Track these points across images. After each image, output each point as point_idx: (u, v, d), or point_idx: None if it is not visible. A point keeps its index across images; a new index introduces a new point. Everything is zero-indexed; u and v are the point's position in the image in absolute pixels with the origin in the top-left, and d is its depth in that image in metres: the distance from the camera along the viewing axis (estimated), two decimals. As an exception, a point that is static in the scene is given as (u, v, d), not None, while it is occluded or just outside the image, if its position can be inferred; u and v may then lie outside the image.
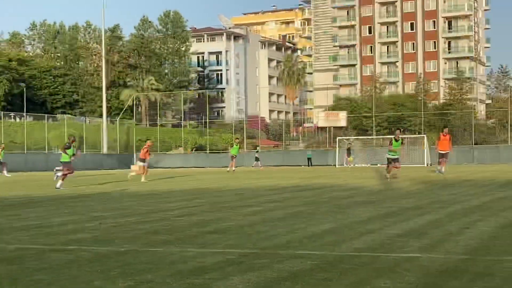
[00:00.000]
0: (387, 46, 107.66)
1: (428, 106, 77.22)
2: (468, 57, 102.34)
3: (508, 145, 61.03)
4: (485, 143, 64.67)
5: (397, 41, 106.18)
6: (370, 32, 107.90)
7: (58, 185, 22.36)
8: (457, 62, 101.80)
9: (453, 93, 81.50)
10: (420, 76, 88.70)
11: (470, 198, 14.76)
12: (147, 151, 29.60)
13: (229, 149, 44.52)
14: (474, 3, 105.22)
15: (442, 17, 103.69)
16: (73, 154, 23.15)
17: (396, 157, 24.41)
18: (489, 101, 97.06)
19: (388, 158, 24.67)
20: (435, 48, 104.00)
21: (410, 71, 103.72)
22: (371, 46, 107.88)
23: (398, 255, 7.01)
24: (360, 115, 75.56)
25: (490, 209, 11.98)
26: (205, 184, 25.10)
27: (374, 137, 66.22)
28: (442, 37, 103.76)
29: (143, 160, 29.57)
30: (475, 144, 61.60)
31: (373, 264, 6.47)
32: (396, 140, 24.62)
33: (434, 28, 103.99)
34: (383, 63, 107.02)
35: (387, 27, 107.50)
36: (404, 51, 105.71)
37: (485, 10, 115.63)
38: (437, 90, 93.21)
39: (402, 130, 25.01)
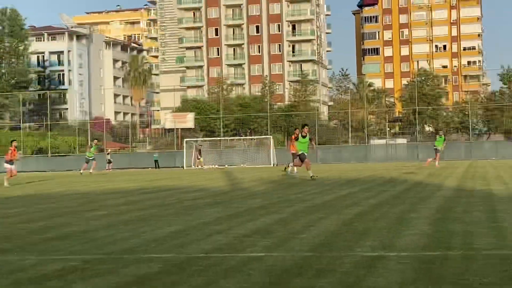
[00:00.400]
0: (234, 48, 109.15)
1: (274, 107, 79.15)
2: (311, 60, 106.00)
3: (349, 145, 63.87)
4: (328, 143, 67.24)
5: (243, 44, 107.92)
6: (216, 34, 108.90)
7: None
8: (301, 65, 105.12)
9: (298, 95, 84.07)
10: (266, 78, 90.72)
11: (314, 197, 15.18)
12: (12, 152, 28.15)
13: (86, 152, 43.62)
14: (316, 8, 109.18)
15: (286, 21, 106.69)
16: None
17: (304, 152, 23.56)
18: (331, 103, 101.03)
19: (293, 154, 23.92)
20: (280, 51, 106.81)
21: (256, 73, 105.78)
22: (218, 48, 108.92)
23: (245, 254, 7.06)
24: (208, 117, 76.05)
25: (333, 207, 12.39)
26: (47, 188, 24.14)
27: (222, 138, 66.92)
28: (287, 40, 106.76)
29: (10, 163, 28.09)
30: (318, 144, 63.89)
31: (221, 265, 6.46)
32: (304, 137, 23.72)
33: (279, 31, 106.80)
34: (230, 65, 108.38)
35: (234, 29, 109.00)
36: (250, 54, 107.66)
37: (326, 15, 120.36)
38: (282, 92, 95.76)
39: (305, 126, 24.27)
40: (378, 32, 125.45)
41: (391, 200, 13.50)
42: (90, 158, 42.13)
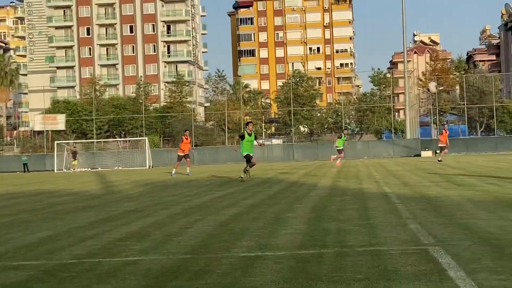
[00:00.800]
0: (107, 48, 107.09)
1: (149, 108, 78.33)
2: (187, 61, 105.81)
3: (226, 146, 64.23)
4: (205, 144, 67.39)
5: (116, 44, 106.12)
6: (88, 34, 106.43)
7: None
8: (176, 66, 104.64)
9: (173, 96, 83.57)
10: (140, 79, 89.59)
11: (191, 199, 15.12)
12: None
13: None
14: (191, 8, 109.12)
15: (161, 21, 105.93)
16: None
17: (249, 153, 21.92)
18: (208, 104, 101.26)
19: (244, 156, 22.05)
20: (155, 52, 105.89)
21: (130, 74, 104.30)
22: (90, 48, 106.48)
23: (120, 259, 6.88)
24: (80, 118, 74.16)
25: (209, 208, 12.37)
26: None
27: (95, 140, 65.49)
28: (162, 41, 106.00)
29: None
30: (195, 145, 63.83)
31: (94, 270, 6.26)
32: (249, 134, 21.98)
33: (154, 31, 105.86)
34: (103, 65, 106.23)
35: (106, 29, 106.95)
36: (124, 54, 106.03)
37: (202, 16, 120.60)
38: (157, 93, 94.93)
39: (253, 123, 22.10)
40: (254, 33, 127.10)
41: (267, 200, 13.64)
42: None
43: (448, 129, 39.66)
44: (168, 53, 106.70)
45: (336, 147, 36.01)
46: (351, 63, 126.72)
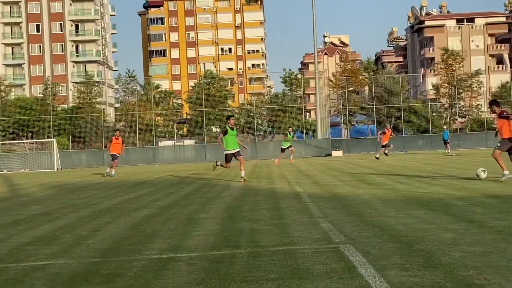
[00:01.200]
0: (12, 48, 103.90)
1: (58, 109, 76.54)
2: (96, 61, 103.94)
3: (136, 147, 63.51)
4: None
5: (22, 43, 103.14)
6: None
7: None
8: (85, 66, 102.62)
9: (82, 96, 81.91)
10: (48, 79, 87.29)
11: (101, 201, 14.86)
12: None
13: None
14: (100, 7, 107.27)
15: (69, 20, 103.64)
16: None
17: (237, 150, 20.59)
18: (118, 105, 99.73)
19: (226, 154, 20.57)
20: (63, 51, 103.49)
21: (37, 74, 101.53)
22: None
23: (28, 264, 6.69)
24: (-16, 120, 71.61)
25: (120, 210, 12.19)
26: None
27: (0, 142, 63.47)
28: (70, 40, 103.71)
29: None
30: (105, 147, 62.71)
31: (0, 276, 6.04)
32: (232, 128, 20.57)
33: (61, 31, 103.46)
34: (8, 65, 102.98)
35: (11, 27, 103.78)
36: (31, 53, 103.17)
37: (111, 15, 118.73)
38: (66, 94, 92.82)
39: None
40: (165, 34, 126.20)
41: (180, 201, 13.57)
42: None
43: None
44: (77, 52, 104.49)
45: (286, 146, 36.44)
46: (263, 64, 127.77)
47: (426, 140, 61.93)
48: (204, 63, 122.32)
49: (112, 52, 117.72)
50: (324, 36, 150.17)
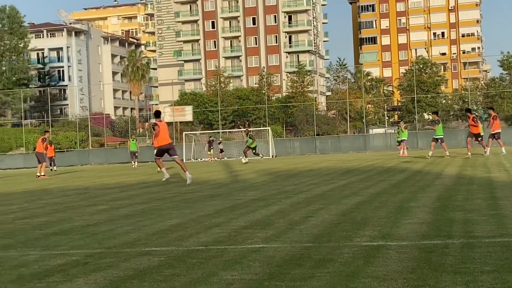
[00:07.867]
0: (231, 41, 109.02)
1: (272, 99, 79.14)
2: (308, 51, 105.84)
3: (347, 135, 63.91)
4: (327, 133, 67.32)
5: (240, 36, 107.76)
6: (213, 27, 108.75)
7: None
8: (298, 56, 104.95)
9: (295, 86, 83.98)
10: (263, 70, 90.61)
11: (313, 187, 15.17)
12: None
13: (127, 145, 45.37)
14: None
15: (283, 11, 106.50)
16: None
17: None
18: (329, 93, 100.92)
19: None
20: (276, 42, 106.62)
21: (253, 65, 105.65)
22: (214, 41, 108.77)
23: (245, 246, 7.06)
24: (206, 110, 76.08)
25: (332, 197, 12.38)
26: (49, 184, 24.11)
27: (221, 130, 66.94)
28: (283, 32, 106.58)
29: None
30: (317, 135, 63.89)
31: (220, 257, 6.46)
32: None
33: (275, 22, 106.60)
34: (227, 58, 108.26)
35: (230, 21, 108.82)
36: (247, 46, 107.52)
37: (322, 5, 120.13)
38: (279, 83, 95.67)
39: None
40: (375, 20, 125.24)
41: (390, 189, 13.47)
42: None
43: None
44: (290, 43, 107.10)
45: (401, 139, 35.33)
46: (478, 47, 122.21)
47: None
48: (415, 49, 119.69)
49: (324, 41, 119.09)
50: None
